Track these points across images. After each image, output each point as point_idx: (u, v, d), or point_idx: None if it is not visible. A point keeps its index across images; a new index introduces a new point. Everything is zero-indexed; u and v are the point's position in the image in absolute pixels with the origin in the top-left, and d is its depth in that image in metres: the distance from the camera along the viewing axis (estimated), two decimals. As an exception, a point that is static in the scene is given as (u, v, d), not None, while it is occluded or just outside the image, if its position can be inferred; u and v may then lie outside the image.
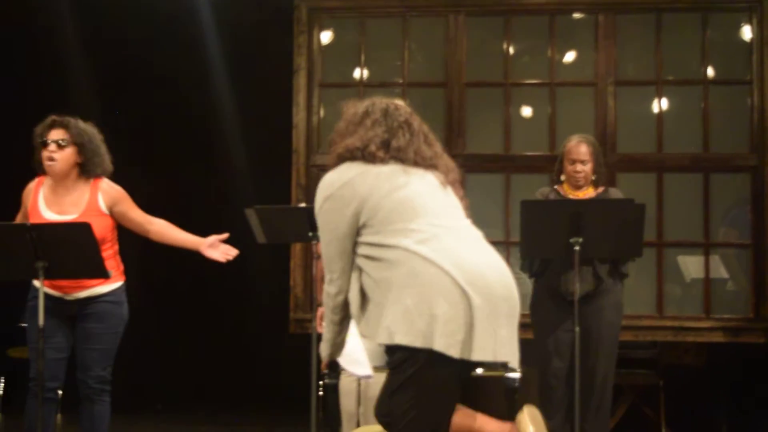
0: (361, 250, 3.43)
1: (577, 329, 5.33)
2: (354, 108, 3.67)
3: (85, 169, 5.16)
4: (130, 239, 5.41)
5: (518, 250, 5.75)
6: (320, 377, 5.69)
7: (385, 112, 3.61)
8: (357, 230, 3.43)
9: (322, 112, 7.99)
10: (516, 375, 3.76)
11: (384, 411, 3.47)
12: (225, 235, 5.27)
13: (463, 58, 7.88)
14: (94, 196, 5.15)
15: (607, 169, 6.35)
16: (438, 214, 3.45)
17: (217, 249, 5.29)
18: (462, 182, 3.70)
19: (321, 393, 5.77)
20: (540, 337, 5.73)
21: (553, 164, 6.11)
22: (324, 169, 3.62)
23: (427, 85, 8.04)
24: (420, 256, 3.32)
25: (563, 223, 5.23)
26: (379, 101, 3.67)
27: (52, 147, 5.09)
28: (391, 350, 3.35)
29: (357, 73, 8.02)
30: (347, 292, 3.48)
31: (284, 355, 8.21)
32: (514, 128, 7.86)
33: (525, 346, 3.96)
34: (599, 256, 5.53)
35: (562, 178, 5.81)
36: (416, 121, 3.65)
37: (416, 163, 3.52)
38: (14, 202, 5.36)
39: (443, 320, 3.24)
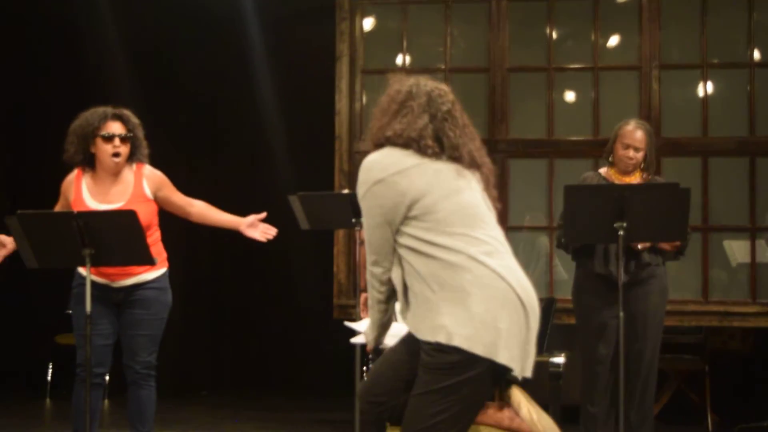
0: (405, 240, 3.42)
1: (622, 314, 5.29)
2: (399, 85, 3.64)
3: (130, 158, 5.20)
4: (173, 227, 5.45)
5: (561, 236, 5.71)
6: (364, 362, 5.71)
7: (429, 97, 3.58)
8: (403, 220, 3.42)
9: (364, 99, 7.99)
10: (561, 360, 3.74)
11: (378, 391, 3.53)
12: (263, 215, 5.29)
13: (506, 43, 7.85)
14: (138, 182, 5.19)
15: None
16: (492, 226, 3.48)
17: (257, 228, 5.32)
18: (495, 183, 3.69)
19: (365, 378, 5.80)
20: (583, 322, 5.70)
21: (596, 149, 6.07)
22: (365, 155, 3.61)
23: (469, 70, 8.01)
24: (489, 268, 3.35)
25: (607, 207, 5.20)
26: (424, 83, 3.63)
27: (117, 142, 5.10)
28: (443, 350, 3.31)
29: (399, 60, 8.01)
30: (391, 272, 3.48)
31: (328, 341, 8.25)
32: (557, 113, 7.82)
33: (568, 331, 3.95)
34: (644, 241, 5.49)
35: (611, 159, 5.74)
36: (458, 111, 3.63)
37: (469, 164, 3.54)
38: (48, 192, 5.38)
39: (506, 335, 3.29)
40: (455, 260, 3.34)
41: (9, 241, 5.04)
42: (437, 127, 3.50)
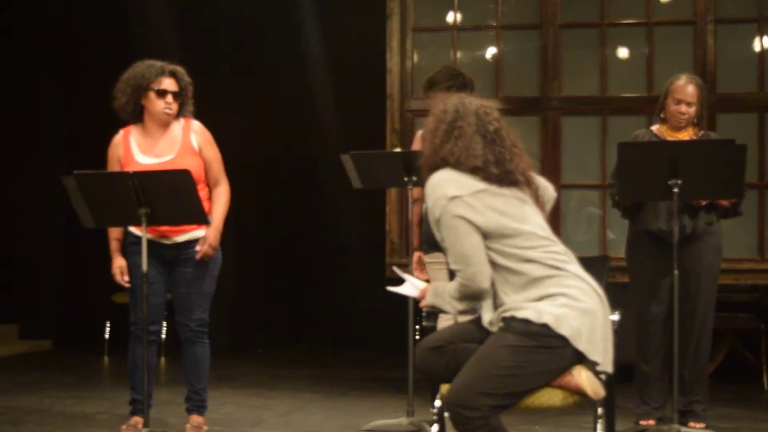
0: (491, 251, 3.56)
1: (676, 272, 5.25)
2: (443, 104, 3.74)
3: (177, 113, 5.25)
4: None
5: (614, 194, 5.67)
6: (417, 321, 5.74)
7: (477, 116, 3.67)
8: (484, 235, 3.54)
9: (415, 57, 7.96)
10: (614, 318, 3.73)
11: (438, 337, 3.72)
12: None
13: (558, -1, 7.78)
14: (186, 136, 5.24)
15: (708, 111, 6.22)
16: (557, 242, 3.65)
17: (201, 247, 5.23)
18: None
19: (418, 337, 5.83)
20: (637, 281, 5.67)
21: (650, 106, 6.01)
22: (418, 113, 3.63)
23: (521, 27, 7.95)
24: (571, 272, 3.56)
25: (662, 164, 5.14)
26: (469, 102, 3.72)
27: (169, 98, 5.17)
28: (527, 323, 3.46)
29: (450, 17, 7.96)
30: (484, 285, 3.55)
31: (381, 300, 8.28)
32: (610, 69, 7.75)
33: (621, 289, 3.94)
34: (699, 198, 5.43)
35: (662, 116, 5.68)
36: (504, 129, 3.72)
37: (525, 185, 3.65)
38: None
39: (590, 327, 3.49)
40: (540, 271, 3.53)
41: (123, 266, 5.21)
42: (494, 152, 3.61)
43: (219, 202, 5.27)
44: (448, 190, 3.55)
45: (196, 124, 5.29)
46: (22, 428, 5.51)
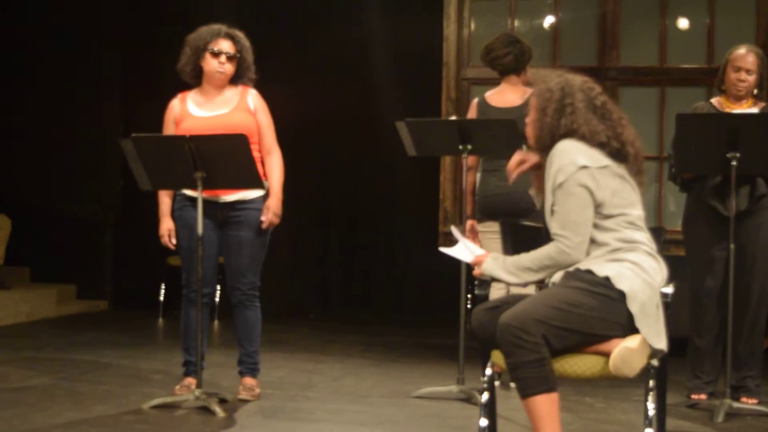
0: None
1: (732, 247, 5.20)
2: (544, 83, 3.81)
3: (235, 78, 5.29)
4: (281, 150, 5.48)
5: (672, 167, 5.61)
6: (469, 289, 5.75)
7: (584, 93, 3.75)
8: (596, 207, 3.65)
9: (472, 25, 7.91)
10: (668, 290, 3.71)
11: (496, 303, 3.78)
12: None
13: (618, -32, 7.68)
14: (243, 98, 5.30)
15: (768, 83, 6.12)
16: (645, 230, 3.76)
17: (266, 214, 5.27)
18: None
19: (469, 305, 5.84)
20: (692, 254, 5.62)
21: (710, 77, 5.93)
22: (474, 81, 3.64)
23: (580, -5, 7.88)
24: (653, 256, 3.69)
25: (720, 137, 5.08)
26: (571, 78, 3.80)
27: (223, 59, 5.23)
28: (590, 274, 3.58)
29: (508, -15, 7.91)
30: (581, 257, 3.64)
31: (433, 268, 8.29)
32: (670, 40, 7.65)
33: (676, 262, 3.92)
34: (758, 172, 5.36)
35: (723, 87, 5.60)
36: (609, 102, 3.81)
37: (635, 156, 3.75)
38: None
39: (646, 297, 3.57)
40: (619, 244, 3.65)
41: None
42: (608, 126, 3.72)
43: (275, 170, 5.31)
44: (579, 160, 3.64)
45: (252, 91, 5.34)
46: (78, 386, 5.61)
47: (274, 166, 5.31)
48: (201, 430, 4.66)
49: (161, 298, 8.94)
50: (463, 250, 3.93)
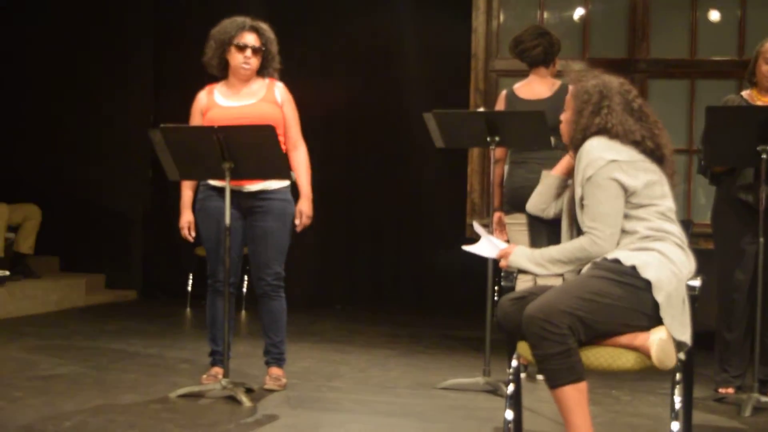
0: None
1: (761, 240, 5.17)
2: (581, 85, 3.86)
3: (260, 70, 5.31)
4: (308, 143, 5.49)
5: (701, 160, 5.57)
6: (496, 281, 5.74)
7: (621, 95, 3.81)
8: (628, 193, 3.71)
9: (501, 17, 7.90)
10: (696, 283, 3.69)
11: (522, 293, 3.78)
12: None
13: (649, -41, 7.64)
14: (271, 90, 5.32)
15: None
16: (677, 223, 3.80)
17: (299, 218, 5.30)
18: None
19: (496, 297, 5.83)
20: (721, 247, 5.58)
21: (740, 70, 5.88)
22: (502, 73, 3.64)
23: (610, -13, 7.84)
24: (682, 249, 3.71)
25: (751, 130, 5.05)
26: (608, 80, 3.85)
27: (248, 52, 5.24)
28: (617, 263, 3.61)
29: (538, -24, 7.88)
30: (611, 248, 3.67)
31: (460, 259, 8.28)
32: (700, 32, 7.60)
33: (706, 255, 3.90)
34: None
35: (754, 80, 5.56)
36: (645, 104, 3.87)
37: (669, 160, 3.82)
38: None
39: (673, 288, 3.58)
40: (649, 233, 3.68)
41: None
42: (644, 127, 3.79)
43: (302, 168, 5.32)
44: (608, 155, 3.69)
45: (279, 84, 5.36)
46: (106, 374, 5.65)
47: (300, 163, 5.32)
48: (227, 419, 4.68)
49: (189, 288, 8.98)
50: (486, 245, 3.93)
